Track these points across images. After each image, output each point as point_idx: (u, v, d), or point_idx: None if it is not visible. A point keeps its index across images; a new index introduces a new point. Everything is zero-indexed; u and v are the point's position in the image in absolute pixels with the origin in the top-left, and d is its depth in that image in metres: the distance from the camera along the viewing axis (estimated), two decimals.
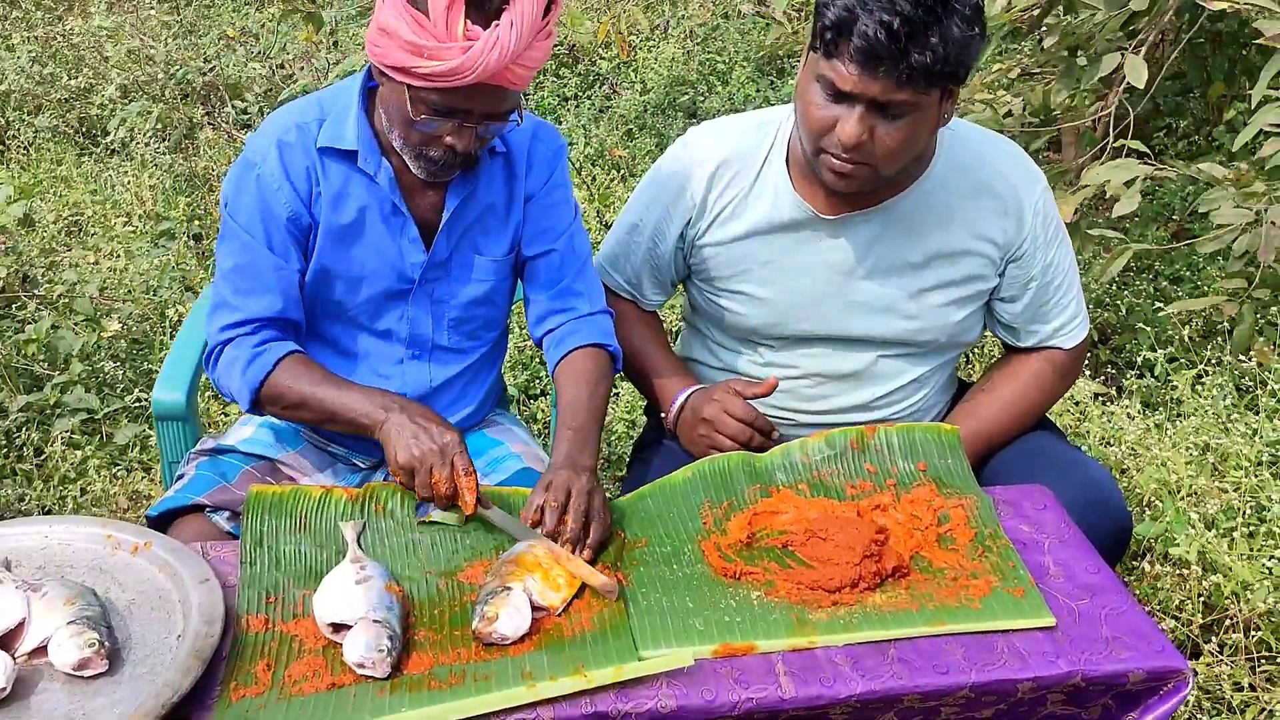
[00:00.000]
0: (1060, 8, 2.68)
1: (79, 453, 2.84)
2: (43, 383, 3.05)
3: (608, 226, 4.07)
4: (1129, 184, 2.42)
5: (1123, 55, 2.54)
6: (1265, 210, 2.37)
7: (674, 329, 3.14)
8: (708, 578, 1.53)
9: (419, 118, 1.58)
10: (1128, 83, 2.46)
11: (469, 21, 1.49)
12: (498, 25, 1.50)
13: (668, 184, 1.90)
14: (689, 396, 1.90)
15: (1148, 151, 2.58)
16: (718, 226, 1.88)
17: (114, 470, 2.80)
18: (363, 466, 1.89)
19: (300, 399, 1.67)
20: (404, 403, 1.64)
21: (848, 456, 1.75)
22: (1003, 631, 1.45)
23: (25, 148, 4.55)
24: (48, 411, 2.99)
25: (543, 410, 3.10)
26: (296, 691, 1.33)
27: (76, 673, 1.32)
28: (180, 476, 1.83)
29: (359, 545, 1.55)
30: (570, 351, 1.80)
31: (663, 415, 1.94)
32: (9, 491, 2.72)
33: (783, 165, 1.84)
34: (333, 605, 1.42)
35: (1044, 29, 2.98)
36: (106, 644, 1.34)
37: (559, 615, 1.44)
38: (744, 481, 1.71)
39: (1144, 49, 2.78)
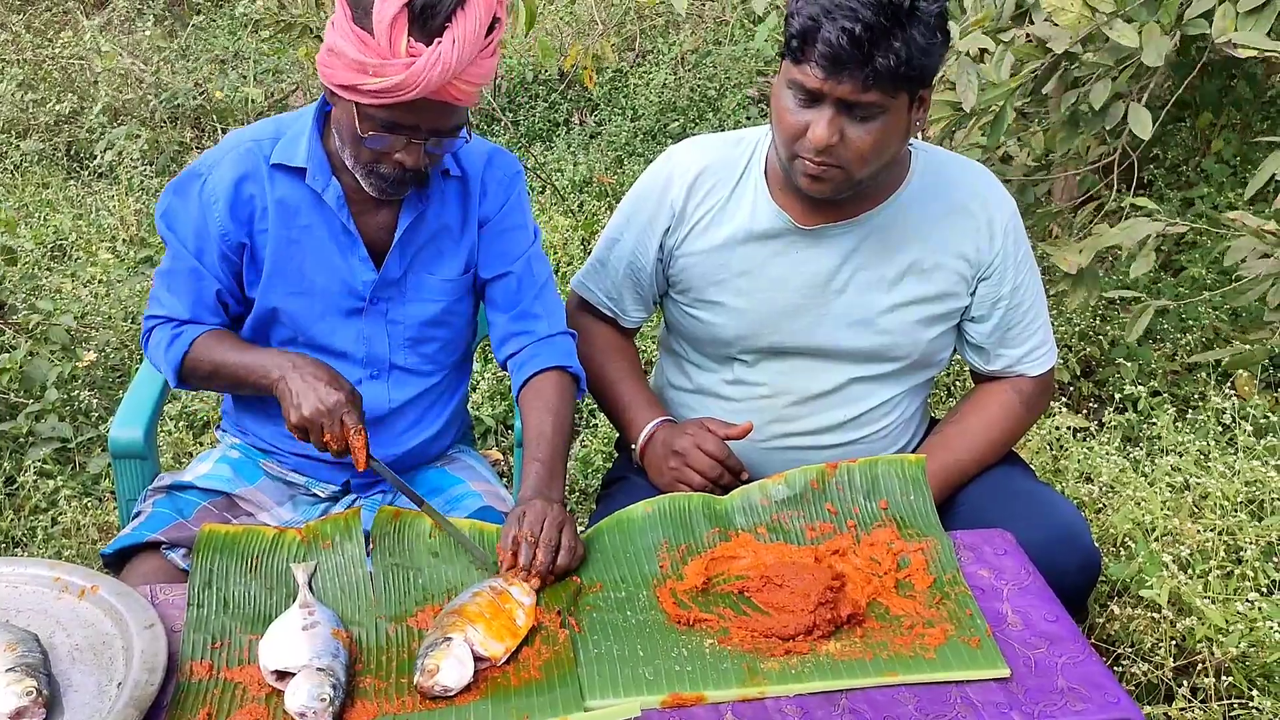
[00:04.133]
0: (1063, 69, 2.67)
1: (51, 482, 2.82)
2: (16, 411, 3.04)
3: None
4: (1142, 243, 2.41)
5: (1126, 105, 2.54)
6: None
7: (649, 360, 3.13)
8: (661, 625, 1.51)
9: (367, 134, 1.61)
10: (1129, 131, 2.45)
11: (412, 39, 1.52)
12: (440, 42, 1.52)
13: (648, 196, 1.93)
14: (658, 427, 1.90)
15: (1158, 209, 2.57)
16: (696, 235, 1.90)
17: (84, 501, 2.78)
18: (323, 496, 1.87)
19: (213, 367, 1.74)
20: (299, 361, 1.65)
21: (808, 497, 1.73)
22: (957, 682, 1.43)
23: (11, 171, 4.56)
24: (20, 440, 2.97)
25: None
26: None
27: None
28: (137, 514, 1.82)
29: (310, 589, 1.53)
30: (531, 376, 1.80)
31: (632, 446, 1.93)
32: None
33: (761, 176, 1.88)
34: (277, 652, 1.40)
35: (1048, 95, 2.96)
36: (45, 692, 1.32)
37: (504, 664, 1.42)
38: (703, 524, 1.69)
39: (1145, 95, 2.78)
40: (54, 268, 3.87)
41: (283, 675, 1.38)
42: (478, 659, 1.40)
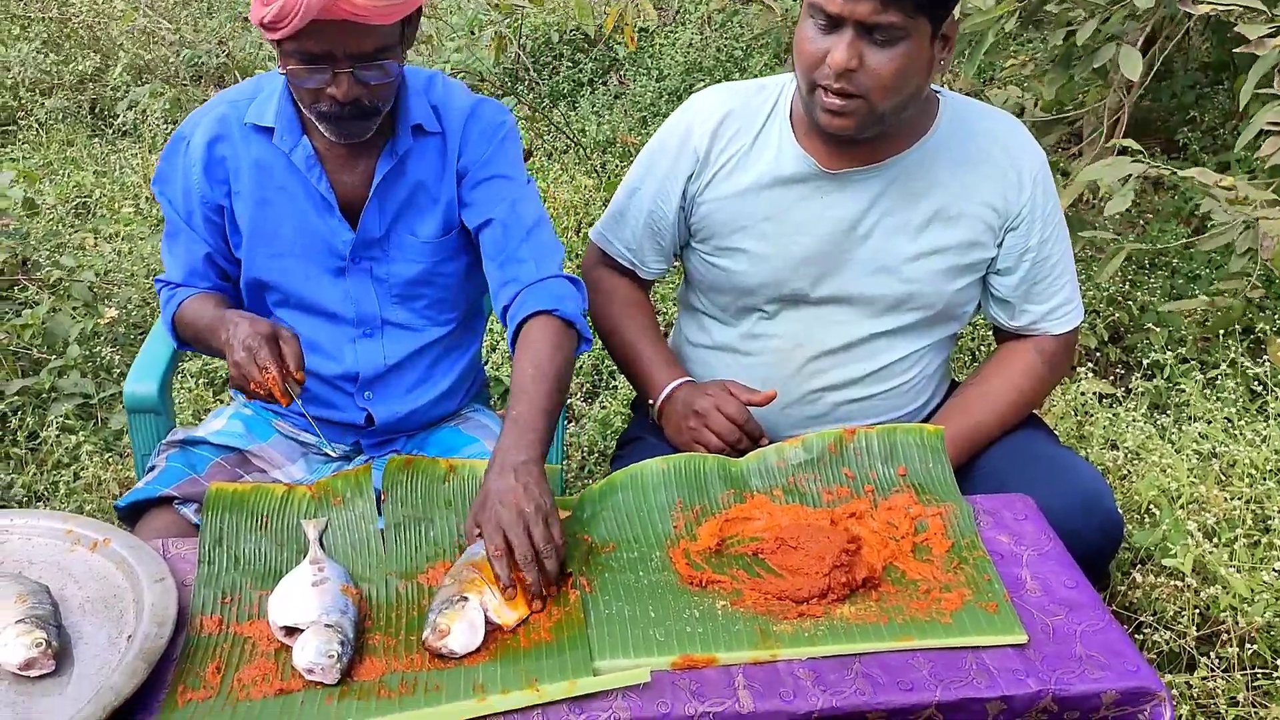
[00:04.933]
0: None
1: (73, 438, 2.83)
2: (40, 367, 3.05)
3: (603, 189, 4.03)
4: (1124, 181, 2.35)
5: (1118, 47, 2.47)
6: (1255, 217, 2.31)
7: (669, 321, 3.10)
8: (673, 586, 1.49)
9: (288, 69, 1.60)
10: (1126, 78, 2.39)
11: None
12: None
13: (670, 143, 1.89)
14: (679, 387, 1.88)
15: (1141, 150, 2.52)
16: (720, 180, 1.88)
17: (106, 457, 2.79)
18: (334, 456, 1.86)
19: (193, 331, 1.77)
20: (239, 319, 1.61)
21: (825, 461, 1.71)
22: (973, 648, 1.40)
23: (36, 129, 4.56)
24: (43, 396, 2.99)
25: None
26: (244, 696, 1.30)
27: (22, 672, 1.31)
28: (152, 468, 1.82)
29: (321, 545, 1.53)
30: (520, 325, 1.70)
31: (650, 403, 1.92)
32: (1, 476, 2.73)
33: (785, 120, 1.85)
34: (286, 608, 1.39)
35: (1045, 20, 2.91)
36: (54, 644, 1.32)
37: (513, 630, 1.41)
38: (719, 485, 1.67)
39: (1141, 38, 2.70)
40: (77, 225, 3.88)
41: (292, 631, 1.37)
42: (489, 624, 1.38)
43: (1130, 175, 2.31)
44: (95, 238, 3.61)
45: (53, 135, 4.51)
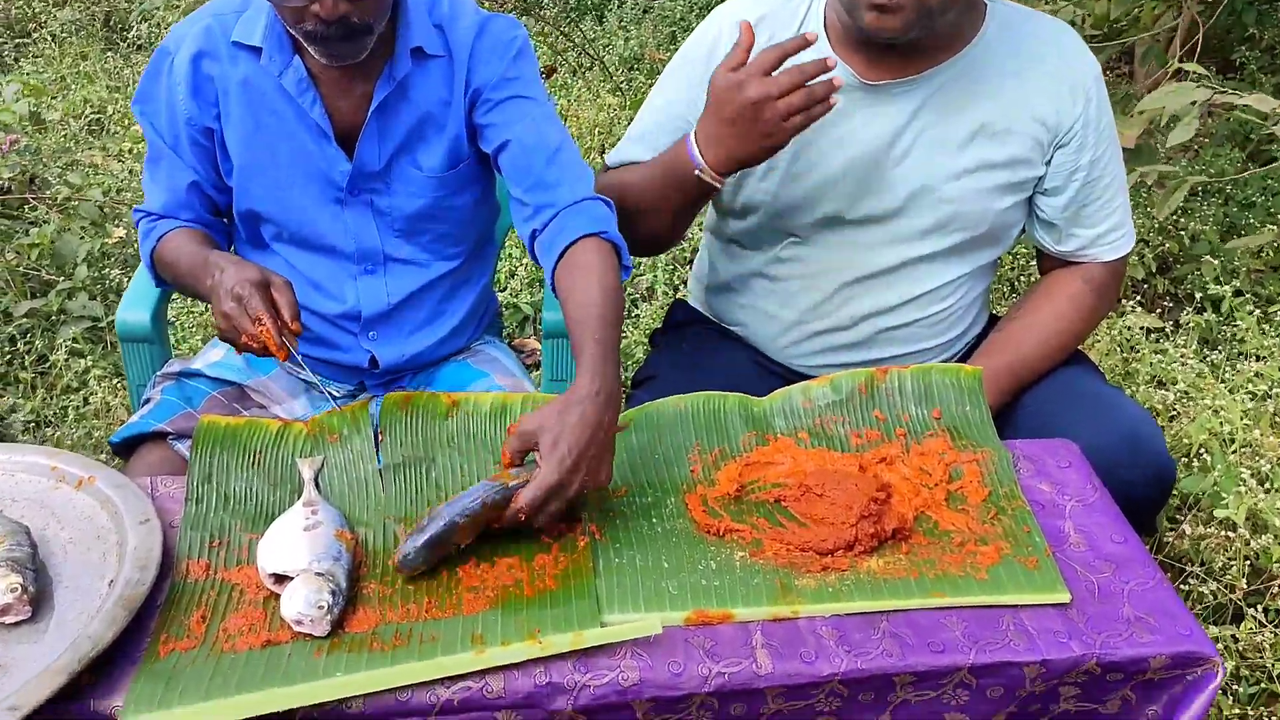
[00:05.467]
0: None
1: (82, 362, 2.77)
2: (48, 288, 2.97)
3: (627, 109, 3.88)
4: (1188, 108, 2.19)
5: None
6: None
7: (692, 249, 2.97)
8: (689, 535, 1.39)
9: None
10: None
11: None
12: None
13: (696, 57, 1.76)
14: (697, 126, 1.64)
15: (1206, 74, 2.34)
16: None
17: (115, 382, 2.72)
18: (338, 395, 1.77)
19: (174, 271, 1.63)
20: (226, 263, 1.49)
21: (854, 402, 1.60)
22: (1010, 607, 1.30)
23: (49, 41, 4.44)
24: (52, 319, 2.92)
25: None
26: (229, 648, 1.22)
27: None
28: (146, 401, 1.73)
29: (316, 486, 1.44)
30: (564, 251, 1.53)
31: (696, 171, 1.64)
32: (6, 401, 2.66)
33: (821, 30, 1.72)
34: (275, 554, 1.31)
35: None
36: (30, 589, 1.25)
37: (518, 572, 1.32)
38: (740, 426, 1.56)
39: None
40: (91, 141, 3.77)
41: (281, 579, 1.29)
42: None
43: (1195, 102, 2.15)
44: (104, 155, 3.50)
45: (65, 49, 4.39)
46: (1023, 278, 3.11)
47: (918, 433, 1.56)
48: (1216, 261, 2.95)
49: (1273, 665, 1.85)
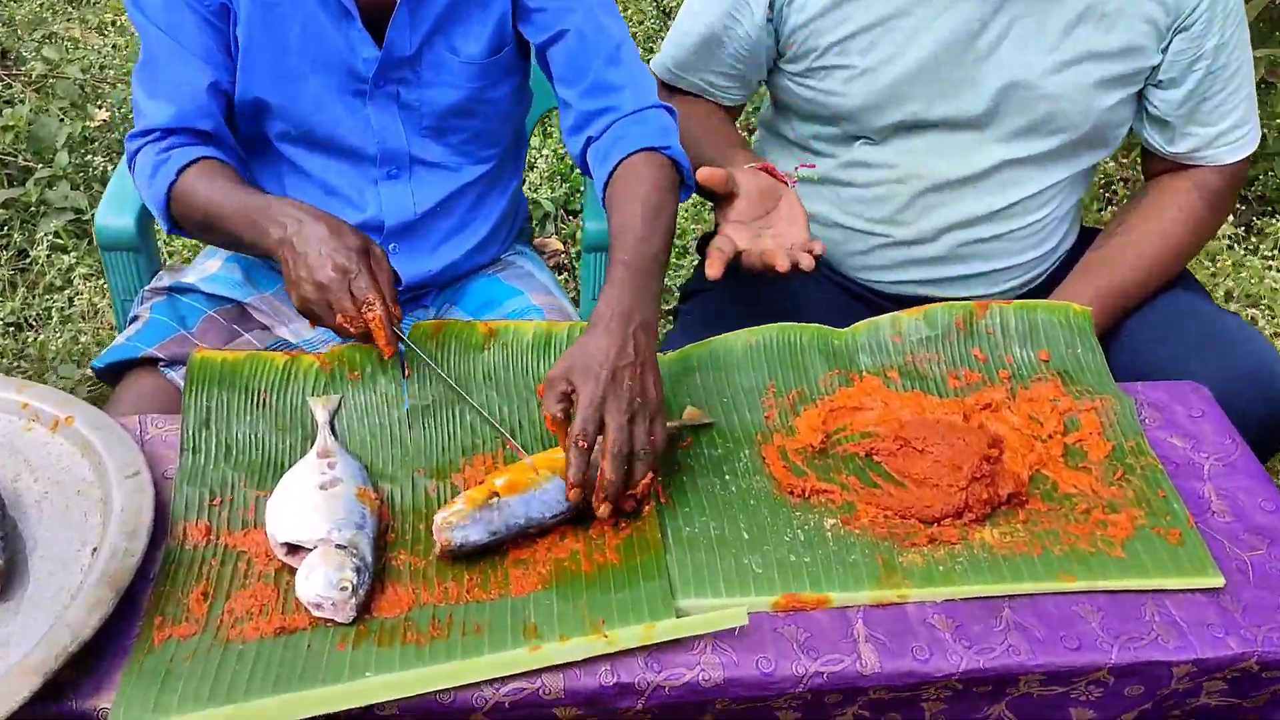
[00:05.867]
0: None
1: (65, 258, 2.54)
2: (26, 176, 2.72)
3: (669, 16, 3.57)
4: None
5: None
6: None
7: None
8: (768, 496, 1.19)
9: None
10: None
11: None
12: None
13: None
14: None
15: None
16: None
17: (101, 281, 2.49)
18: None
19: (205, 215, 1.31)
20: (307, 216, 1.23)
21: (951, 339, 1.38)
22: (1152, 592, 1.11)
23: None
24: (32, 210, 2.67)
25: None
26: (236, 635, 1.03)
27: None
28: (134, 319, 1.52)
29: (332, 431, 1.23)
30: (619, 162, 1.34)
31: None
32: None
33: None
34: (288, 519, 1.11)
35: None
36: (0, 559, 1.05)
37: (572, 543, 1.12)
38: (819, 363, 1.35)
39: None
40: (69, 12, 3.46)
41: (295, 549, 1.10)
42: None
43: None
44: (84, 28, 3.20)
45: None
46: (1119, 187, 2.86)
47: (1024, 376, 1.35)
48: None
49: None
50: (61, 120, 2.78)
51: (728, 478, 1.21)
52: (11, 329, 2.41)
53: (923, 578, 1.10)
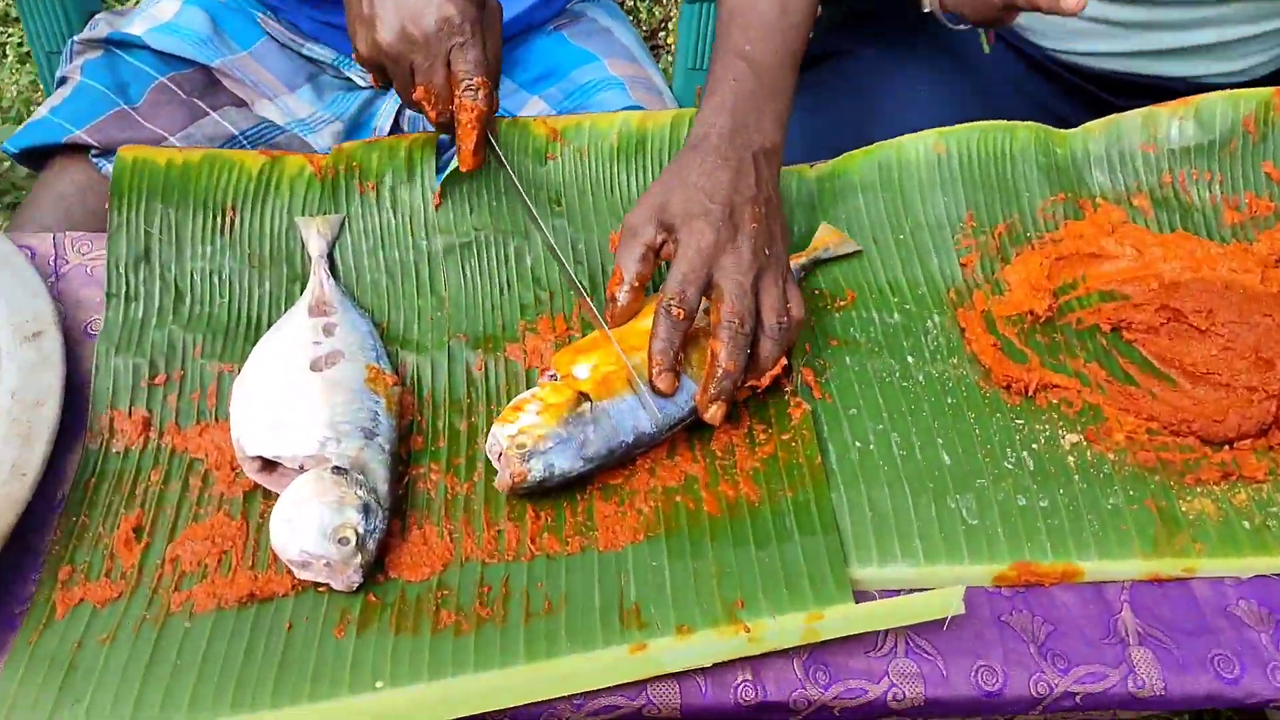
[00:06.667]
0: None
1: None
2: None
3: None
4: None
5: None
6: None
7: None
8: (972, 389, 0.80)
9: None
10: None
11: None
12: None
13: None
14: None
15: None
16: None
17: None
18: (362, 85, 1.12)
19: None
20: None
21: (1234, 148, 0.95)
22: None
23: None
24: None
25: None
26: (180, 604, 0.67)
27: None
28: (62, 81, 1.10)
29: (328, 272, 0.84)
30: None
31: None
32: None
33: None
34: (261, 420, 0.73)
35: None
36: None
37: (682, 462, 0.74)
38: (1036, 184, 0.93)
39: None
40: None
41: (271, 465, 0.73)
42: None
43: None
44: None
45: None
46: None
47: None
48: None
49: None
50: None
51: (910, 360, 0.82)
52: None
53: (1221, 540, 0.73)
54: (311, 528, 0.67)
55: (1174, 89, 1.05)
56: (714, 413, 0.74)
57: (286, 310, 0.81)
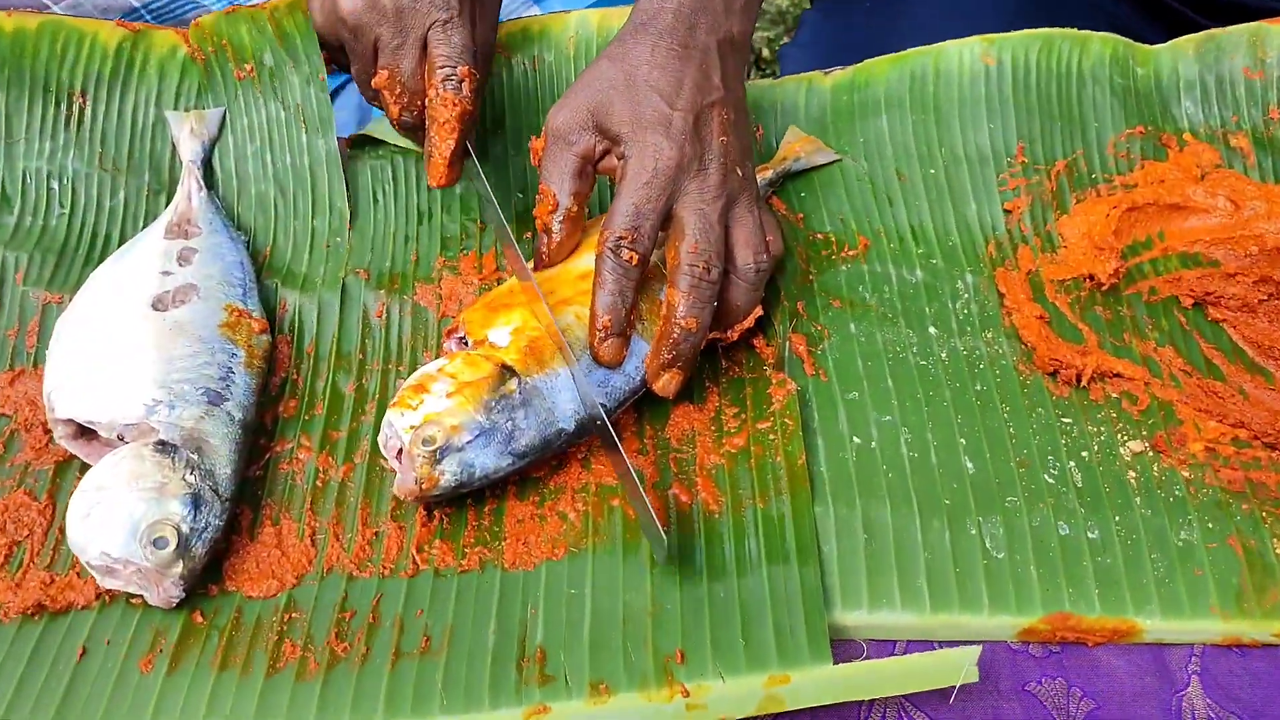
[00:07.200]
0: None
1: None
2: None
3: None
4: None
5: None
6: None
7: None
8: (1012, 376, 0.62)
9: None
10: None
11: None
12: None
13: None
14: None
15: None
16: None
17: None
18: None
19: None
20: None
21: None
22: None
23: None
24: None
25: None
26: None
27: None
28: None
29: (201, 178, 0.66)
30: None
31: None
32: None
33: None
34: (78, 374, 0.56)
35: None
36: None
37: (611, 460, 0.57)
38: (1110, 111, 0.74)
39: None
40: None
41: (88, 433, 0.56)
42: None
43: None
44: None
45: None
46: None
47: None
48: None
49: None
50: None
51: (932, 331, 0.64)
52: None
53: None
54: (117, 524, 0.50)
55: None
56: (666, 382, 0.57)
57: (141, 229, 0.64)
